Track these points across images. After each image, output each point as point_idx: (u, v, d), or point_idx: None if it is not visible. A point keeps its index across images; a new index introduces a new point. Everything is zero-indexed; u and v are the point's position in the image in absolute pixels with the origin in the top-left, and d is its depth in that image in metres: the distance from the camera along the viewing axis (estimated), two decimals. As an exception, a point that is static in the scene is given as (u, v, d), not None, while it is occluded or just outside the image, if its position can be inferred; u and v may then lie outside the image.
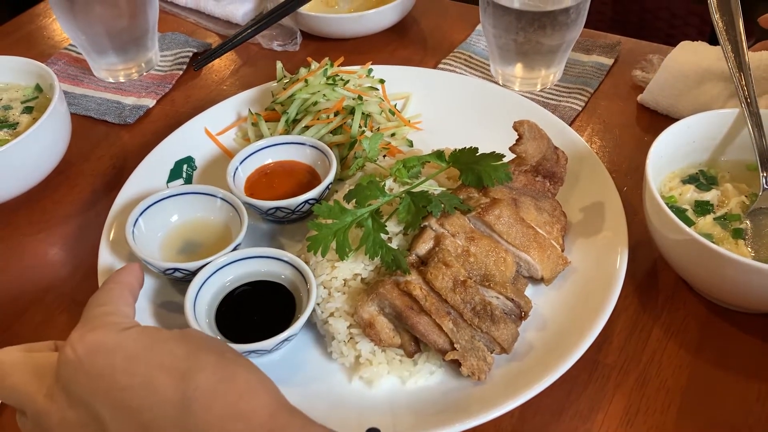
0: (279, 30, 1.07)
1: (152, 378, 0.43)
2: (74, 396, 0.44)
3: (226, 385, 0.43)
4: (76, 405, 0.44)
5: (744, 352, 0.62)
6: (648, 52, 0.96)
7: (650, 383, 0.60)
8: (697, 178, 0.70)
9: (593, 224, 0.70)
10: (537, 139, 0.69)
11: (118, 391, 0.43)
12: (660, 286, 0.68)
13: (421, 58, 1.03)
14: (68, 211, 0.82)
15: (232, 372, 0.43)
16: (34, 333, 0.68)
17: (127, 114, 0.94)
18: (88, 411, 0.43)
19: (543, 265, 0.64)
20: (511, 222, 0.64)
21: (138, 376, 0.43)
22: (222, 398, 0.42)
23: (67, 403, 0.44)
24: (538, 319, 0.63)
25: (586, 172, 0.75)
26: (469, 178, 0.67)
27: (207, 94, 0.99)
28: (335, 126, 0.81)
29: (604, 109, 0.90)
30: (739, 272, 0.57)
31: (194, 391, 0.42)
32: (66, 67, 1.04)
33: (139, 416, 0.42)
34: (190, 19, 1.16)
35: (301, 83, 0.83)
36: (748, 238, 0.64)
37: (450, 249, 0.62)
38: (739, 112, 0.69)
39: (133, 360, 0.44)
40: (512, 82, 0.94)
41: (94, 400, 0.43)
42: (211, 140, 0.86)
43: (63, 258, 0.77)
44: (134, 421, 0.42)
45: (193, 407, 0.41)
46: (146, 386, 0.42)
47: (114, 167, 0.87)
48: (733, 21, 0.72)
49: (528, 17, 0.84)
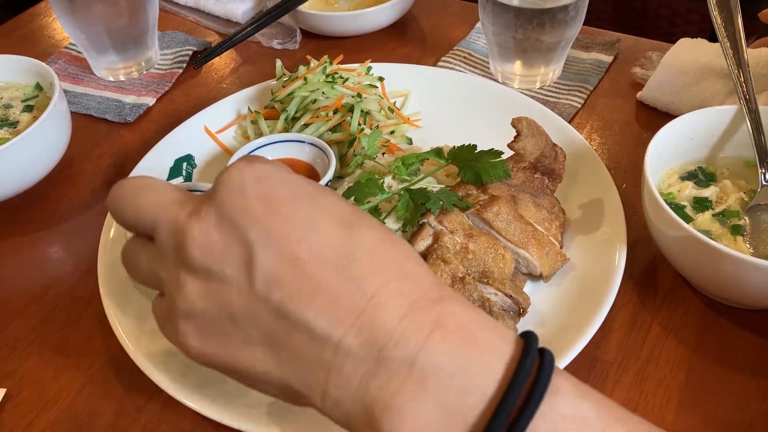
0: (279, 28, 1.08)
1: (317, 218, 0.40)
2: (226, 216, 0.39)
3: (391, 245, 0.40)
4: (225, 226, 0.39)
5: (743, 348, 0.62)
6: (647, 49, 0.96)
7: (649, 379, 0.60)
8: (695, 174, 0.70)
9: (592, 221, 0.70)
10: (535, 136, 0.69)
11: (280, 220, 0.39)
12: (659, 283, 0.68)
13: (420, 55, 1.03)
14: (68, 209, 0.82)
15: (394, 237, 0.41)
16: (33, 331, 0.68)
17: (127, 112, 0.94)
18: (237, 234, 0.39)
19: (542, 261, 0.64)
20: (510, 219, 0.64)
21: (303, 213, 0.40)
22: (387, 255, 0.39)
23: (214, 222, 0.40)
24: (537, 316, 0.63)
25: (585, 169, 0.75)
26: (467, 175, 0.67)
27: (207, 92, 0.99)
28: (334, 124, 0.81)
29: (603, 107, 0.90)
30: (737, 269, 0.56)
31: (360, 240, 0.39)
32: (66, 66, 1.04)
33: (295, 248, 0.38)
34: (189, 18, 1.16)
35: (300, 81, 0.84)
36: (747, 235, 0.64)
37: (448, 246, 0.62)
38: (738, 108, 0.69)
39: (299, 197, 0.41)
40: (511, 79, 0.94)
41: (249, 223, 0.39)
42: (211, 138, 0.86)
43: (63, 256, 0.77)
44: (287, 252, 0.38)
45: (358, 254, 0.38)
46: (310, 223, 0.39)
47: (114, 165, 0.88)
48: (732, 18, 0.72)
49: (527, 14, 0.84)
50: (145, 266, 0.44)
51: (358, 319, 0.37)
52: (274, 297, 0.38)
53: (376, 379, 0.36)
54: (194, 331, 0.41)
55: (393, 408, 0.35)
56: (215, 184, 0.41)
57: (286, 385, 0.39)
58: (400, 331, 0.36)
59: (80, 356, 0.65)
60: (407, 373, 0.35)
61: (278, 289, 0.38)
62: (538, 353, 0.37)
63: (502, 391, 0.35)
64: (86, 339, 0.67)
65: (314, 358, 0.37)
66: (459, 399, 0.35)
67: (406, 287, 0.38)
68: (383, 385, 0.36)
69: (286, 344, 0.38)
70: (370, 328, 0.36)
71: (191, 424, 0.59)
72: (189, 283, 0.40)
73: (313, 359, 0.37)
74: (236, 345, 0.40)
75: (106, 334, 0.65)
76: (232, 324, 0.39)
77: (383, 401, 0.36)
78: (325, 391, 0.38)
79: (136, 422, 0.59)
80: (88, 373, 0.64)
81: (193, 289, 0.40)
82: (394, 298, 0.37)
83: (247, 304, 0.39)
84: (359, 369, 0.36)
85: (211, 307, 0.40)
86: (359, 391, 0.36)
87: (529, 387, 0.35)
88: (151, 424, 0.59)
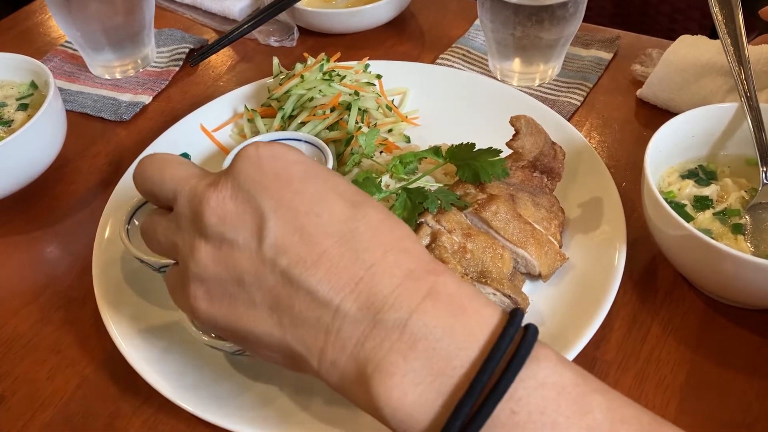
0: (276, 26, 1.07)
1: (325, 195, 0.43)
2: (242, 187, 0.43)
3: (391, 223, 0.43)
4: (240, 195, 0.43)
5: (743, 348, 0.62)
6: (647, 46, 0.95)
7: (649, 380, 0.60)
8: (696, 173, 0.70)
9: (591, 220, 0.70)
10: (534, 135, 0.69)
11: (291, 193, 0.42)
12: (659, 282, 0.68)
13: (418, 53, 1.02)
14: (64, 208, 0.82)
15: (395, 218, 0.44)
16: (29, 331, 0.68)
17: (123, 111, 0.94)
18: (251, 204, 0.42)
19: (540, 261, 0.64)
20: (508, 218, 0.63)
21: (313, 189, 0.43)
22: (388, 232, 0.42)
23: (230, 193, 0.43)
24: (536, 316, 0.63)
25: (585, 168, 0.75)
26: (465, 174, 0.66)
27: (203, 90, 0.99)
28: (331, 122, 0.81)
29: (602, 104, 0.90)
30: (738, 268, 0.56)
31: (363, 217, 0.42)
32: (62, 64, 1.03)
33: (304, 219, 0.41)
34: (186, 15, 1.15)
35: (297, 79, 0.83)
36: (748, 234, 0.63)
37: (446, 245, 0.61)
38: (739, 106, 0.69)
39: (310, 176, 0.44)
40: (510, 77, 0.93)
41: (262, 194, 0.42)
42: (207, 137, 0.85)
43: (59, 256, 0.76)
44: (295, 222, 0.41)
45: (361, 229, 0.41)
46: (318, 198, 0.42)
47: (110, 164, 0.87)
48: (732, 14, 0.72)
49: (526, 12, 0.84)
50: (162, 234, 0.47)
51: (357, 286, 0.40)
52: (280, 262, 0.41)
53: (371, 339, 0.38)
54: (204, 294, 0.43)
55: (384, 367, 0.38)
56: (233, 159, 0.45)
57: (287, 346, 0.42)
58: (395, 297, 0.39)
59: (75, 357, 0.65)
60: (399, 334, 0.38)
61: (285, 255, 0.41)
62: (523, 327, 0.39)
63: (485, 355, 0.37)
64: (82, 340, 0.66)
65: (315, 321, 0.40)
66: (445, 362, 0.37)
67: (403, 259, 0.41)
68: (377, 345, 0.38)
69: (290, 307, 0.41)
70: (367, 294, 0.39)
71: (187, 426, 0.58)
72: (203, 248, 0.43)
73: (314, 321, 0.40)
74: (243, 308, 0.42)
75: (102, 335, 0.64)
76: (240, 287, 0.42)
77: (375, 360, 0.38)
78: (323, 352, 0.40)
79: (132, 424, 0.59)
80: (83, 375, 0.63)
81: (206, 253, 0.43)
82: (391, 268, 0.40)
83: (256, 268, 0.41)
84: (356, 331, 0.39)
85: (221, 271, 0.42)
86: (354, 351, 0.39)
87: (511, 354, 0.37)
88: (146, 426, 0.59)
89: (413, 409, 0.37)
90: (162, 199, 0.48)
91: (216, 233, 0.42)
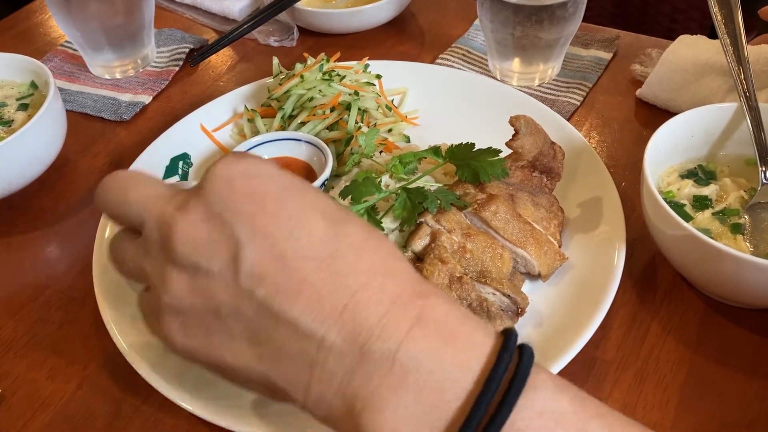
0: (276, 26, 1.07)
1: (304, 214, 0.40)
2: (213, 210, 0.40)
3: (376, 242, 0.41)
4: (212, 220, 0.40)
5: (743, 348, 0.62)
6: (647, 46, 0.95)
7: (648, 379, 0.60)
8: (695, 172, 0.70)
9: (591, 220, 0.70)
10: (534, 134, 0.69)
11: (266, 216, 0.39)
12: (658, 282, 0.68)
13: (418, 53, 1.02)
14: (64, 208, 0.82)
15: (378, 235, 0.42)
16: (29, 331, 0.68)
17: (123, 111, 0.94)
18: (224, 229, 0.39)
19: (540, 261, 0.64)
20: (508, 218, 0.63)
21: (289, 209, 0.40)
22: (372, 253, 0.40)
23: (201, 216, 0.40)
24: (535, 316, 0.63)
25: (584, 168, 0.75)
26: (465, 174, 0.66)
27: (203, 90, 0.99)
28: (331, 122, 0.81)
29: (602, 104, 0.90)
30: (738, 268, 0.56)
31: (345, 236, 0.40)
32: (62, 64, 1.03)
33: (281, 244, 0.39)
34: (186, 15, 1.15)
35: (296, 79, 0.83)
36: (747, 233, 0.63)
37: (446, 245, 0.61)
38: (738, 106, 0.69)
39: (286, 192, 0.41)
40: (510, 77, 0.93)
41: (236, 219, 0.39)
42: (207, 137, 0.85)
43: (59, 255, 0.77)
44: (273, 249, 0.39)
45: (343, 251, 0.39)
46: (296, 219, 0.40)
47: (110, 164, 0.87)
48: (731, 14, 0.72)
49: (525, 11, 0.84)
50: (131, 260, 0.45)
51: (342, 315, 0.37)
52: (258, 293, 0.38)
53: (359, 373, 0.37)
54: (179, 327, 0.41)
55: (374, 403, 0.36)
56: (203, 178, 0.42)
57: (268, 380, 0.40)
58: (381, 326, 0.37)
59: (75, 357, 0.65)
60: (388, 368, 0.36)
61: (263, 285, 0.38)
62: (517, 349, 0.37)
63: (480, 386, 0.35)
64: (82, 340, 0.66)
65: (298, 354, 0.38)
66: (438, 394, 0.35)
67: (389, 283, 0.39)
68: (365, 380, 0.36)
69: (270, 339, 0.39)
70: (352, 324, 0.37)
71: (187, 426, 0.58)
72: (175, 278, 0.41)
73: (297, 354, 0.38)
74: (221, 340, 0.40)
75: (102, 335, 0.64)
76: (217, 319, 0.40)
77: (364, 396, 0.36)
78: (308, 386, 0.38)
79: (132, 424, 0.59)
80: (83, 374, 0.63)
81: (179, 284, 0.40)
82: (377, 294, 0.38)
83: (232, 299, 0.39)
84: (342, 364, 0.37)
85: (197, 303, 0.40)
86: (341, 386, 0.37)
87: (507, 382, 0.35)
88: (146, 426, 0.59)
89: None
90: (128, 224, 0.45)
91: (189, 262, 0.40)
